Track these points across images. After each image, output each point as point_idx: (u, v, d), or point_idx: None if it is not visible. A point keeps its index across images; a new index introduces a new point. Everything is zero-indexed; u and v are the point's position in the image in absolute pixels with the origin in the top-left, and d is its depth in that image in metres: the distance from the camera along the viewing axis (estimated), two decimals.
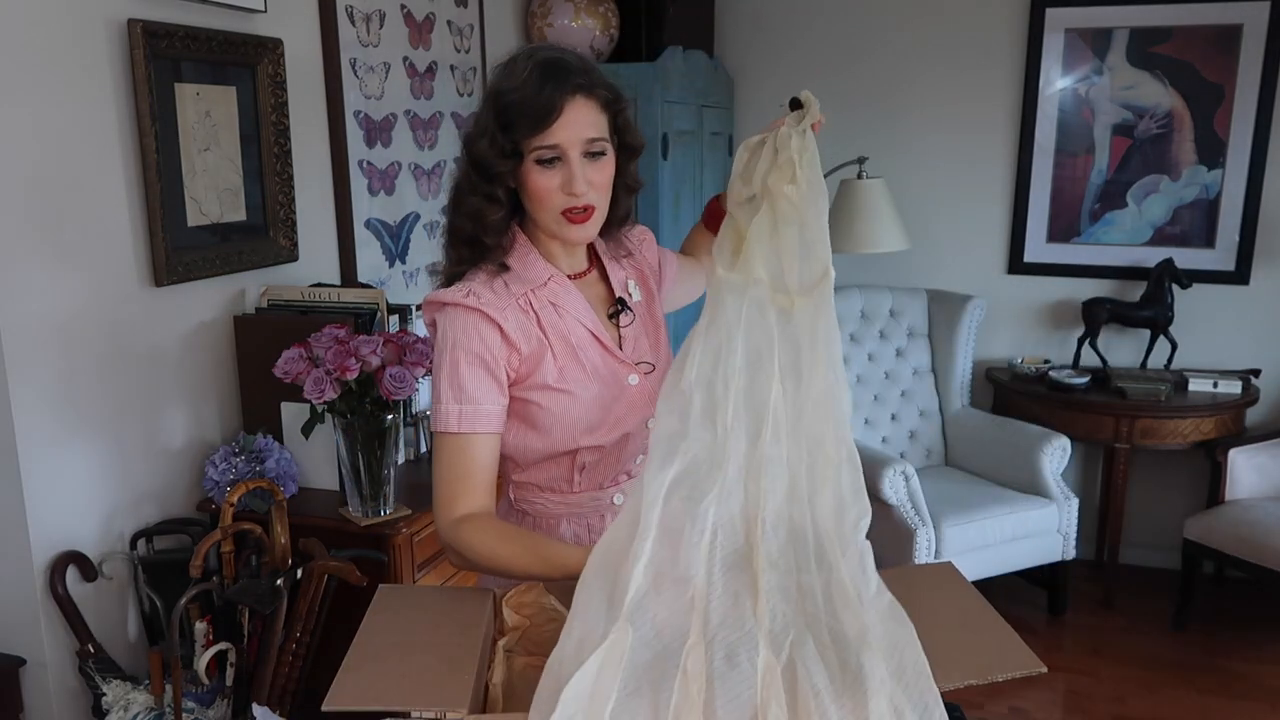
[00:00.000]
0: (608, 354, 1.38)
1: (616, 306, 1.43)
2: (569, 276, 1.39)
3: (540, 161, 1.27)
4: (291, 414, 2.08)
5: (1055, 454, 3.36)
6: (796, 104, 1.32)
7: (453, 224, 1.36)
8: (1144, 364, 3.68)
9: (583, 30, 3.27)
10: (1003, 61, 3.76)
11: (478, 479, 1.30)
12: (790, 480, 1.05)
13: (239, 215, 2.19)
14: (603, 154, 1.31)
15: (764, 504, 1.03)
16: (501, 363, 1.31)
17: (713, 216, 1.57)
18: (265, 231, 2.26)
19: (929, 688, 0.89)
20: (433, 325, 1.34)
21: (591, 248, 1.44)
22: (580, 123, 1.27)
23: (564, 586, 1.29)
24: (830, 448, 1.08)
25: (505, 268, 1.34)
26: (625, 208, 1.41)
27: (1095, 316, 3.61)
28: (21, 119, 1.70)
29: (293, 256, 2.32)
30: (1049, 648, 3.34)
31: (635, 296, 1.46)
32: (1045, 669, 0.98)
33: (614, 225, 1.42)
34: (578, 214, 1.30)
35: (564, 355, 1.34)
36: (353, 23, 2.52)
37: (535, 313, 1.34)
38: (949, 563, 1.26)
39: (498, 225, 1.32)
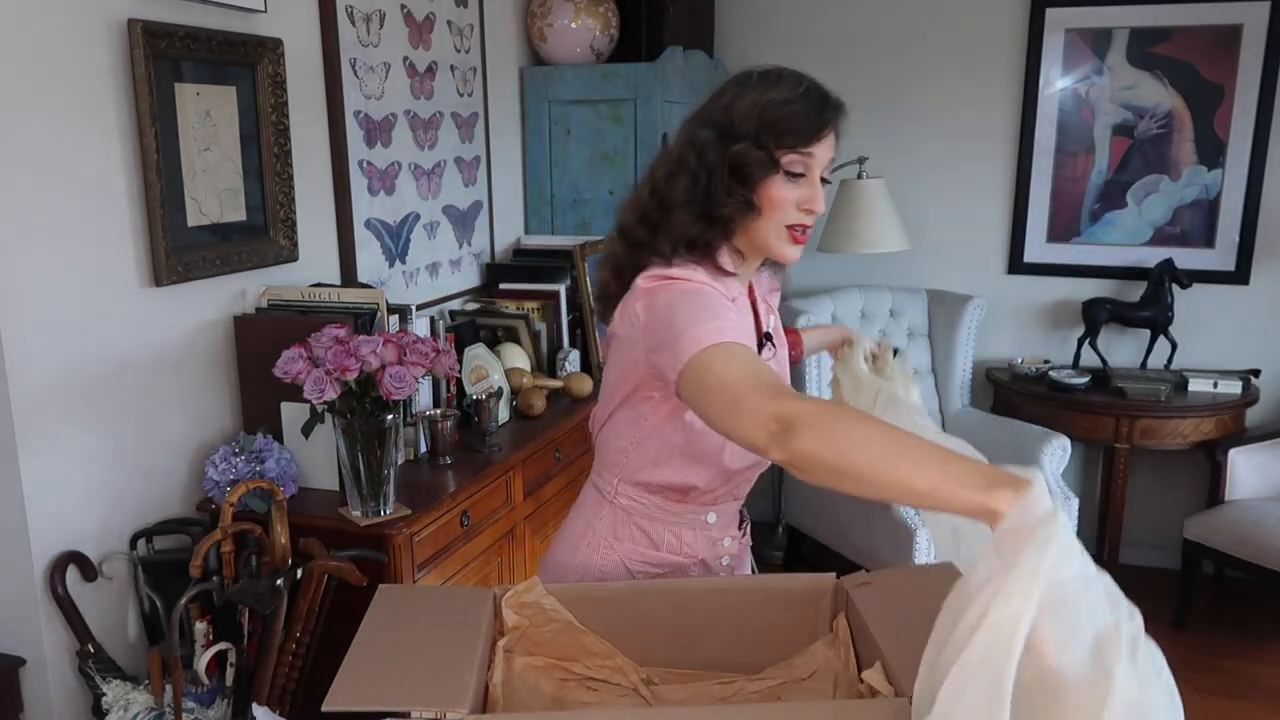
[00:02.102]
0: None
1: (763, 339, 1.45)
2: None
3: (789, 174, 1.30)
4: (291, 414, 2.08)
5: (1055, 454, 3.36)
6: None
7: (676, 228, 1.32)
8: (1144, 364, 3.68)
9: (583, 30, 3.27)
10: (1003, 61, 3.76)
11: (771, 371, 1.16)
12: None
13: (239, 215, 2.19)
14: (827, 182, 1.35)
15: None
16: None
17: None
18: (265, 231, 2.26)
19: None
20: (652, 292, 1.28)
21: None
22: (829, 147, 1.33)
23: (564, 587, 1.29)
24: None
25: (719, 270, 1.33)
26: None
27: (1095, 316, 3.61)
28: (21, 119, 1.70)
29: (293, 256, 2.32)
30: None
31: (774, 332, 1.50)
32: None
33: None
34: (799, 233, 1.34)
35: None
36: (353, 23, 2.52)
37: None
38: (949, 563, 1.25)
39: (736, 231, 1.34)
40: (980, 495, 0.90)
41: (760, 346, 1.44)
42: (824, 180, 1.34)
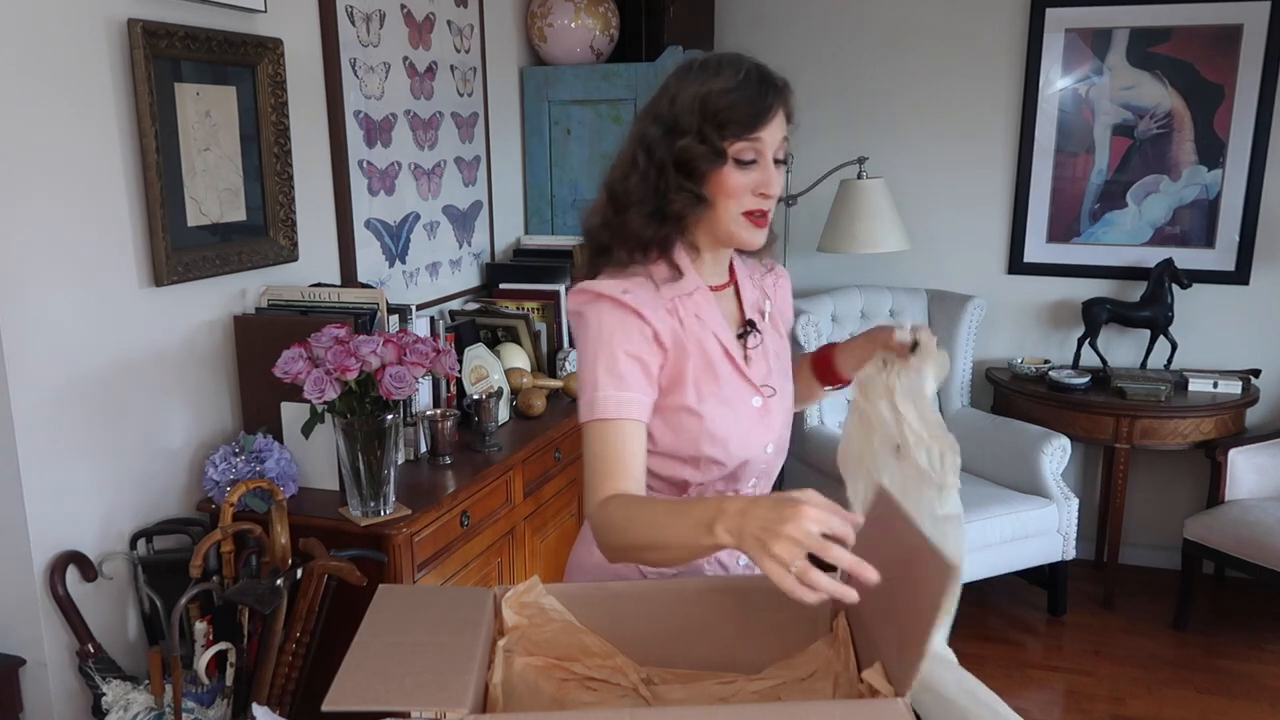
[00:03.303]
0: (736, 371, 1.39)
1: (746, 326, 1.44)
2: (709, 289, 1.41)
3: (740, 162, 1.30)
4: (291, 414, 2.08)
5: (1055, 454, 3.36)
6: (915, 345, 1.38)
7: (630, 229, 1.35)
8: (1144, 364, 3.68)
9: (583, 30, 3.27)
10: (1003, 61, 3.76)
11: (629, 463, 1.28)
12: None
13: (239, 215, 2.19)
14: (784, 162, 1.35)
15: None
16: (654, 363, 1.33)
17: (821, 362, 1.56)
18: (265, 231, 2.26)
19: None
20: (579, 315, 1.34)
21: (730, 264, 1.46)
22: (779, 128, 1.32)
23: (564, 587, 1.29)
24: None
25: (675, 269, 1.36)
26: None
27: (1095, 316, 3.61)
28: (21, 118, 1.70)
29: (293, 256, 2.32)
30: (1049, 648, 3.34)
31: (764, 319, 1.48)
32: (958, 569, 0.93)
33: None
34: (759, 217, 1.34)
35: (701, 367, 1.36)
36: (353, 23, 2.52)
37: (680, 320, 1.35)
38: (882, 492, 1.21)
39: (691, 225, 1.35)
40: (708, 540, 1.09)
41: (745, 334, 1.43)
42: (780, 161, 1.34)
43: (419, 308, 2.47)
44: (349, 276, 2.55)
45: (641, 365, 1.31)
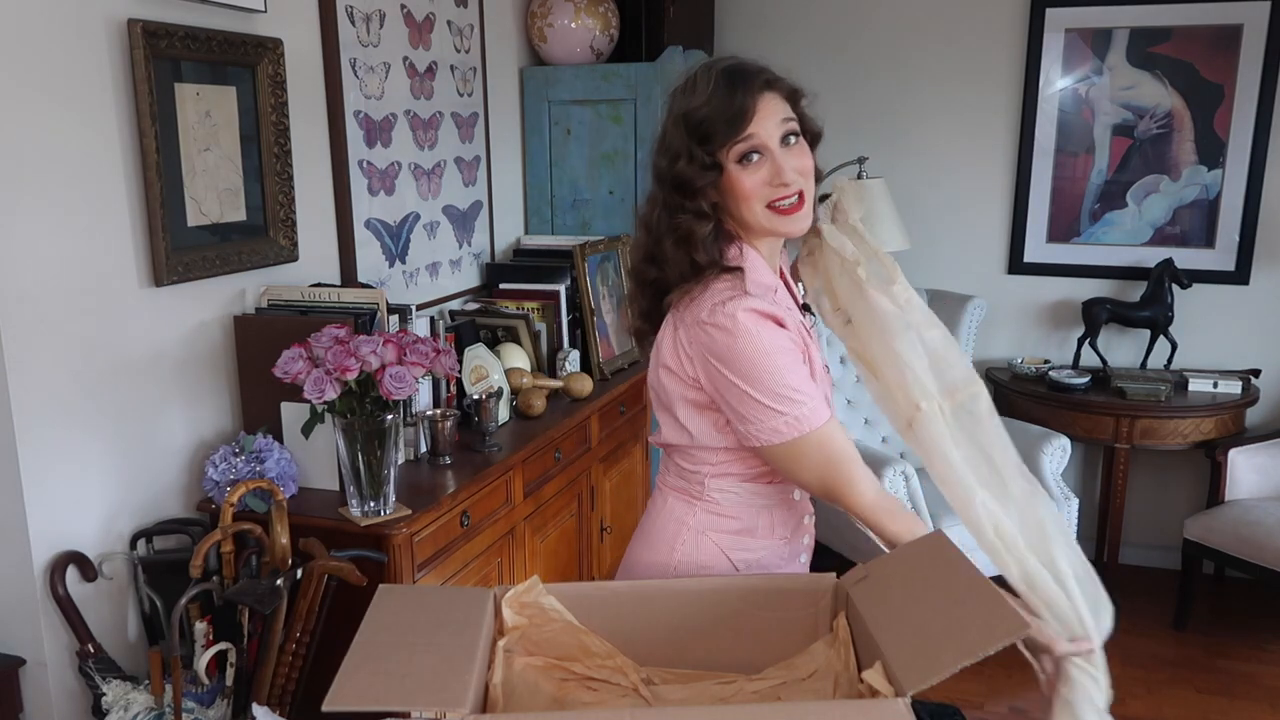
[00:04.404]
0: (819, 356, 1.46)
1: (804, 312, 1.51)
2: None
3: (742, 161, 1.32)
4: (291, 414, 2.08)
5: (1055, 454, 3.36)
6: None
7: (660, 253, 1.38)
8: (1144, 364, 3.68)
9: (583, 30, 3.27)
10: (1003, 61, 3.76)
11: (855, 452, 1.36)
12: None
13: (239, 215, 2.19)
14: (797, 137, 1.36)
15: None
16: (803, 357, 1.37)
17: None
18: (265, 231, 2.26)
19: None
20: (722, 329, 1.32)
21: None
22: (773, 115, 1.33)
23: (564, 587, 1.29)
24: None
25: (738, 272, 1.37)
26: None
27: (1095, 316, 3.61)
28: (21, 119, 1.70)
29: (293, 256, 2.32)
30: None
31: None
32: (1030, 629, 1.01)
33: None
34: (789, 204, 1.35)
35: (815, 357, 1.42)
36: (353, 23, 2.52)
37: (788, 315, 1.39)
38: (937, 531, 1.26)
39: (707, 240, 1.36)
40: None
41: (805, 312, 1.51)
42: (789, 138, 1.35)
43: (419, 308, 2.47)
44: (349, 276, 2.55)
45: (800, 362, 1.35)
